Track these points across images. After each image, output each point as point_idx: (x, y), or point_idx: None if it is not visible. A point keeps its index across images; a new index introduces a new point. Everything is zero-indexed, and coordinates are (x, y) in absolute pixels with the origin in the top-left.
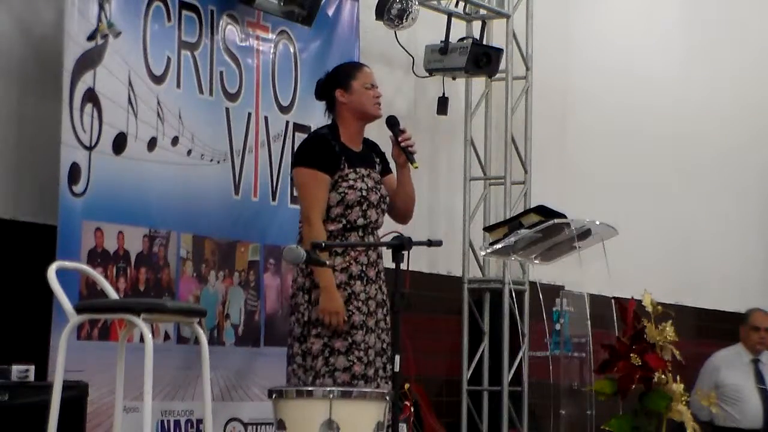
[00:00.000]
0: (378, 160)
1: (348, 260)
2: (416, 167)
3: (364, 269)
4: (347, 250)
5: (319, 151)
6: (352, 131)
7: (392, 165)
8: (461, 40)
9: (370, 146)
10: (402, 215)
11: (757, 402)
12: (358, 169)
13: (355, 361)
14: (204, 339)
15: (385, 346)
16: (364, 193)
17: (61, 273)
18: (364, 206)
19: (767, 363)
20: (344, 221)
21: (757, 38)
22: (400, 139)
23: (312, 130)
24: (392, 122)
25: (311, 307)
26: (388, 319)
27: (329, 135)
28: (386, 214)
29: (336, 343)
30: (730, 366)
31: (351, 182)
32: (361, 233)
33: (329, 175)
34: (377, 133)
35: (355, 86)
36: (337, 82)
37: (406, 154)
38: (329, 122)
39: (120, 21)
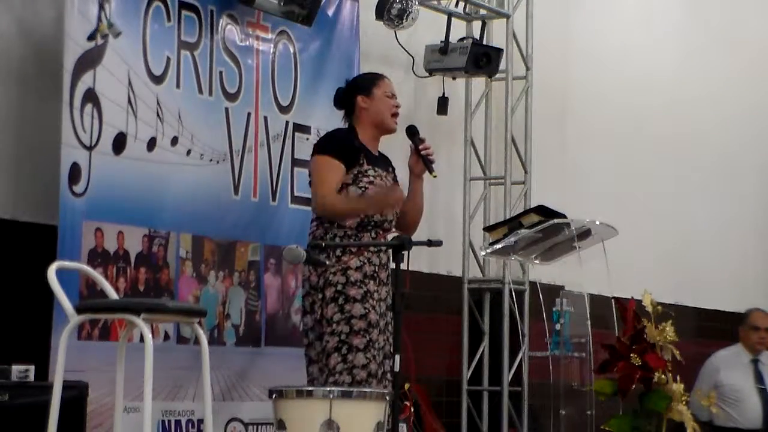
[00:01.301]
0: (390, 169)
1: (362, 259)
2: (435, 176)
3: (376, 270)
4: (361, 250)
5: (338, 142)
6: (368, 137)
7: (400, 177)
8: (461, 40)
9: (384, 157)
10: (409, 226)
11: (757, 402)
12: (376, 169)
13: (371, 359)
14: (204, 339)
15: (388, 348)
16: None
17: (61, 273)
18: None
19: (767, 363)
20: (362, 215)
21: (757, 38)
22: (420, 147)
23: (311, 129)
24: (412, 131)
25: (325, 305)
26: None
27: (349, 131)
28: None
29: (354, 340)
30: (730, 366)
31: (371, 178)
32: (375, 231)
33: (345, 165)
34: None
35: (377, 93)
36: (358, 88)
37: (425, 163)
38: (346, 126)
39: (120, 21)
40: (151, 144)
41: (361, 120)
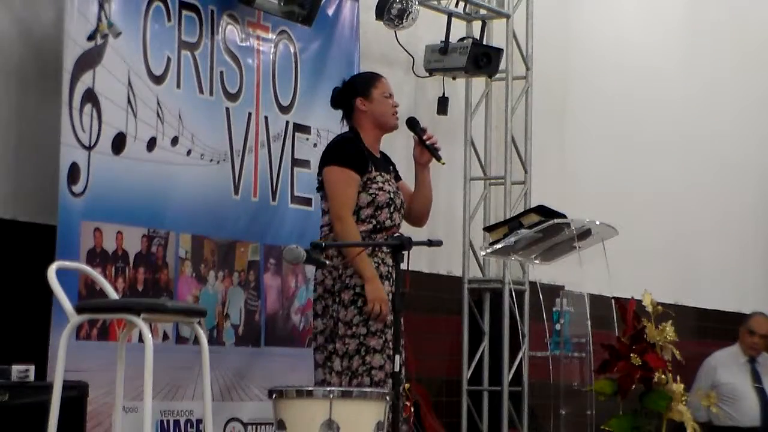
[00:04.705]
0: (391, 168)
1: (377, 260)
2: (443, 164)
3: (390, 270)
4: (375, 251)
5: (350, 151)
6: (371, 139)
7: (402, 172)
8: (461, 40)
9: (385, 157)
10: (419, 218)
11: (755, 400)
12: (382, 174)
13: (387, 359)
14: (204, 339)
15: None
16: (392, 196)
17: (60, 273)
18: (392, 208)
19: (762, 362)
20: (374, 222)
21: (758, 35)
22: (424, 137)
23: (312, 129)
24: (413, 123)
25: (343, 309)
26: None
27: (355, 137)
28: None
29: (371, 342)
30: (727, 366)
31: (380, 184)
32: (386, 235)
33: (359, 175)
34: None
35: (375, 95)
36: (356, 90)
37: (431, 152)
38: (346, 129)
39: (120, 21)
40: (151, 144)
41: (362, 123)
